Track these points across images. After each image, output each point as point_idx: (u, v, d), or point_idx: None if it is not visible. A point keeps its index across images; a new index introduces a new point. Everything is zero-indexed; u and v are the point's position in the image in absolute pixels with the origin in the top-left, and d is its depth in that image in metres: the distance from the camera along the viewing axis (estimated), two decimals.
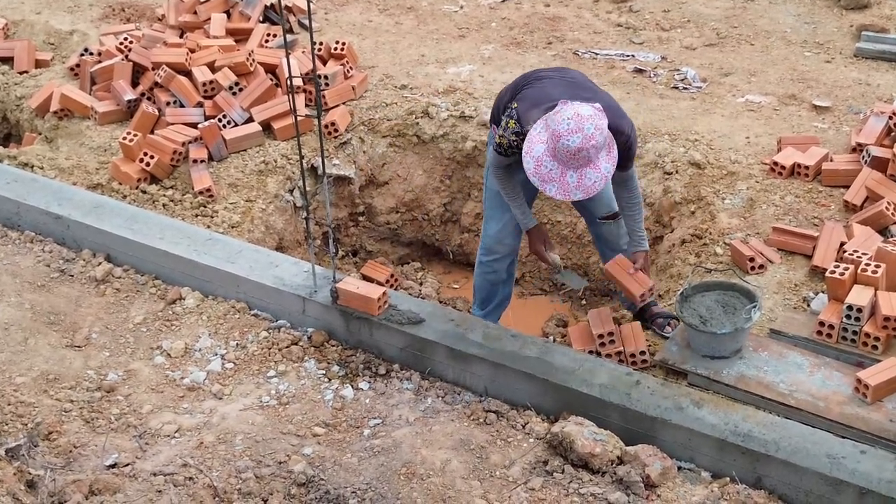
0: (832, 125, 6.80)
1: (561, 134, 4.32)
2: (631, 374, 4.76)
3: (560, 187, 4.44)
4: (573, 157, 4.35)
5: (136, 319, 5.40)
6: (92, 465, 4.34)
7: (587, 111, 4.37)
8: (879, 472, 4.16)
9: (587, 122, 4.32)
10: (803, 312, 5.19)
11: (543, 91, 4.73)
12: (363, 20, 8.73)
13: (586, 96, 4.64)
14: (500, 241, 5.34)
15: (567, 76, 4.93)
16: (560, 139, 4.32)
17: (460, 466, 4.38)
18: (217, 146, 6.64)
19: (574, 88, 4.72)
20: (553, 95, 4.62)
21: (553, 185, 4.44)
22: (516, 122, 4.68)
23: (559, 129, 4.33)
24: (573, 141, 4.30)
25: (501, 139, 4.78)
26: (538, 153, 4.44)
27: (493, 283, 5.53)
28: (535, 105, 4.64)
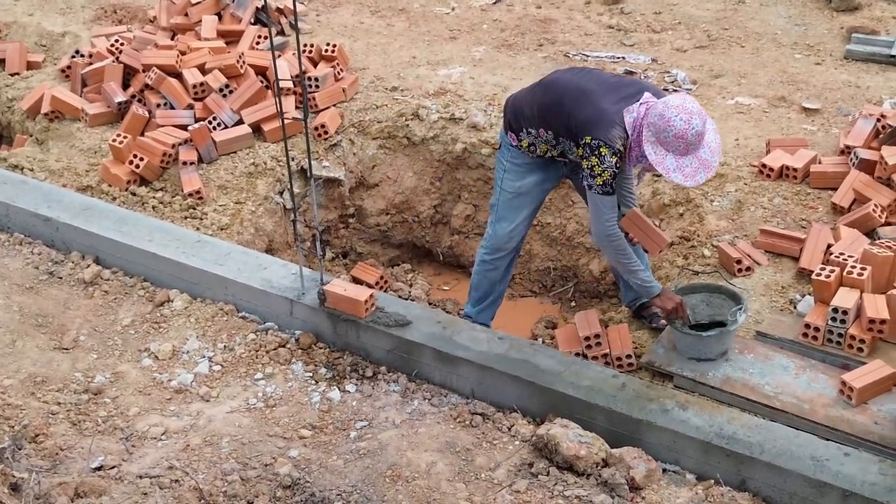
0: (821, 127, 6.82)
1: (684, 130, 4.45)
2: (617, 377, 4.78)
3: (703, 168, 4.56)
4: (701, 136, 4.50)
5: (125, 322, 5.40)
6: (78, 467, 4.34)
7: (674, 100, 4.51)
8: (863, 475, 4.17)
9: (686, 104, 4.49)
10: (790, 315, 5.21)
11: (598, 110, 4.69)
12: (355, 22, 8.74)
13: (629, 93, 4.73)
14: (511, 240, 5.37)
15: (596, 77, 4.94)
16: (687, 134, 4.46)
17: (446, 469, 4.39)
18: (207, 148, 6.64)
19: (612, 93, 4.75)
20: (612, 110, 4.66)
21: (700, 172, 4.57)
22: (608, 149, 4.65)
23: (678, 129, 4.45)
24: (696, 125, 4.46)
25: (605, 174, 4.69)
26: (673, 164, 4.53)
27: (493, 281, 5.55)
28: (610, 126, 4.64)
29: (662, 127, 4.48)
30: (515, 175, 5.21)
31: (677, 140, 4.48)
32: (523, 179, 5.20)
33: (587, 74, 5.03)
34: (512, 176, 5.22)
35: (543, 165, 5.17)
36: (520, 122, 5.05)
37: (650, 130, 4.53)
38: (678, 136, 4.46)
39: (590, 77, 4.95)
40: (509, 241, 5.40)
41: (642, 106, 4.63)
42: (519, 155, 5.15)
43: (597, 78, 4.93)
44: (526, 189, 5.23)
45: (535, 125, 4.98)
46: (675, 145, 4.49)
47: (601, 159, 4.66)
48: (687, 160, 4.53)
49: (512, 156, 5.18)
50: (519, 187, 5.22)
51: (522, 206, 5.29)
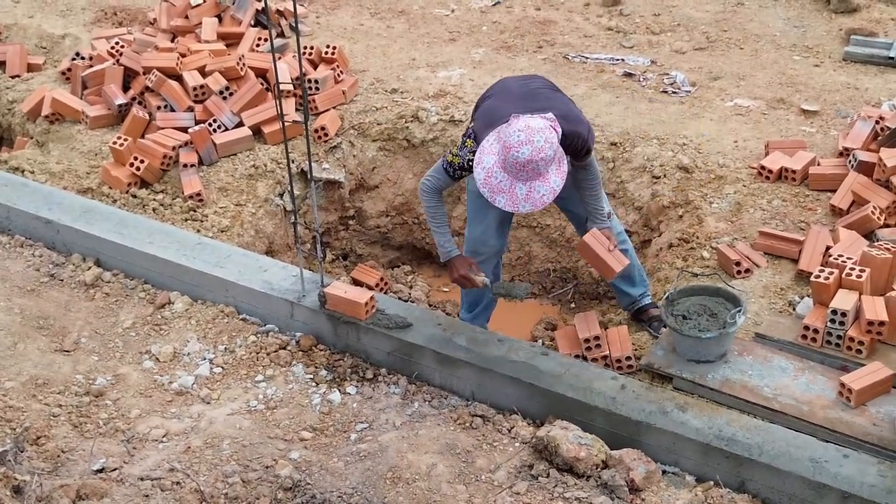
0: (820, 129, 6.84)
1: (511, 145, 4.34)
2: (616, 379, 4.79)
3: (509, 199, 4.45)
4: (522, 168, 4.36)
5: (125, 324, 5.42)
6: (79, 469, 4.35)
7: (538, 124, 4.39)
8: (862, 477, 4.18)
9: (537, 134, 4.34)
10: (789, 316, 5.22)
11: (497, 107, 4.74)
12: (354, 24, 8.75)
13: (539, 107, 4.64)
14: (484, 243, 5.36)
15: (526, 87, 4.90)
16: (510, 151, 4.34)
17: (446, 471, 4.40)
18: (207, 150, 6.66)
19: (528, 101, 4.72)
20: (505, 112, 4.62)
21: (502, 196, 4.45)
22: (474, 142, 4.69)
23: (510, 140, 4.35)
24: (523, 153, 4.32)
25: (455, 158, 4.76)
26: (489, 164, 4.46)
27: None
28: (490, 124, 4.65)
29: (505, 130, 4.42)
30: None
31: (503, 149, 4.39)
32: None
33: (521, 81, 5.02)
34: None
35: None
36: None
37: (503, 127, 4.47)
38: (505, 146, 4.38)
39: (521, 84, 4.95)
40: (483, 243, 5.36)
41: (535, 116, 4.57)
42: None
43: (525, 85, 4.91)
44: None
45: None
46: (500, 153, 4.41)
47: (462, 146, 4.72)
48: (502, 175, 4.43)
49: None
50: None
51: (488, 207, 5.16)
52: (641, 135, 6.76)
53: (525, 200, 4.44)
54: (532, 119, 4.42)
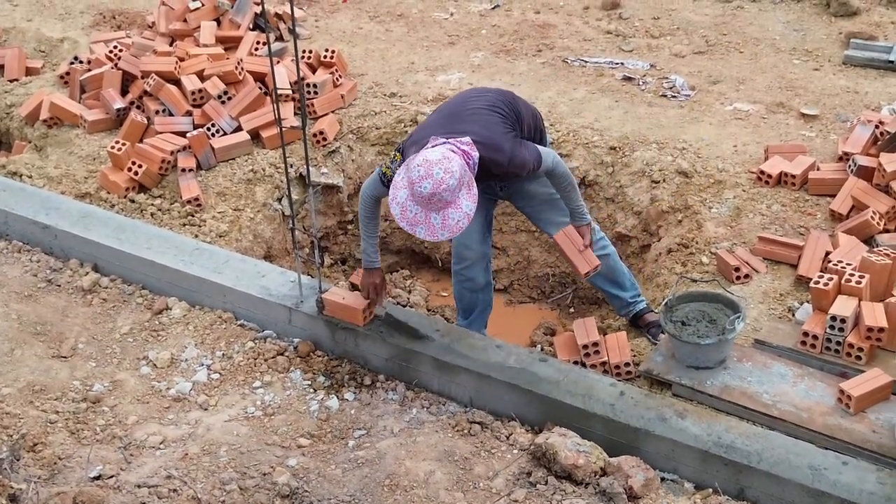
0: (819, 133, 6.82)
1: (413, 181, 4.37)
2: (615, 385, 4.78)
3: (427, 229, 4.47)
4: (429, 201, 4.38)
5: (123, 329, 5.40)
6: (76, 476, 4.34)
7: (436, 156, 4.39)
8: (861, 484, 4.17)
9: (435, 167, 4.35)
10: (788, 322, 5.21)
11: (425, 126, 4.85)
12: (353, 27, 8.74)
13: (460, 129, 4.66)
14: (467, 247, 5.37)
15: (463, 105, 4.93)
16: (413, 186, 4.38)
17: (444, 478, 4.39)
18: (205, 155, 6.64)
19: (452, 122, 4.75)
20: (428, 133, 4.68)
21: (420, 227, 4.47)
22: (402, 156, 4.76)
23: (411, 176, 4.38)
24: (424, 187, 4.34)
25: (387, 170, 4.81)
26: (402, 199, 4.47)
27: (472, 291, 5.55)
28: (414, 143, 4.70)
29: (409, 166, 4.44)
30: None
31: (408, 185, 4.42)
32: None
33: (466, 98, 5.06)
34: None
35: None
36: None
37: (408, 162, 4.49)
38: (409, 181, 4.40)
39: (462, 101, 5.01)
40: (466, 248, 5.39)
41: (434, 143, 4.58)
42: None
43: (464, 103, 4.95)
44: None
45: None
46: (410, 185, 4.42)
47: (392, 160, 4.82)
48: (416, 208, 4.44)
49: None
50: None
51: None
52: (641, 139, 6.74)
53: (442, 229, 4.47)
54: (430, 152, 4.43)
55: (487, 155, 4.63)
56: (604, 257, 5.38)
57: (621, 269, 5.54)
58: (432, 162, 4.36)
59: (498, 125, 4.83)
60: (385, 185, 4.84)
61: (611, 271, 5.47)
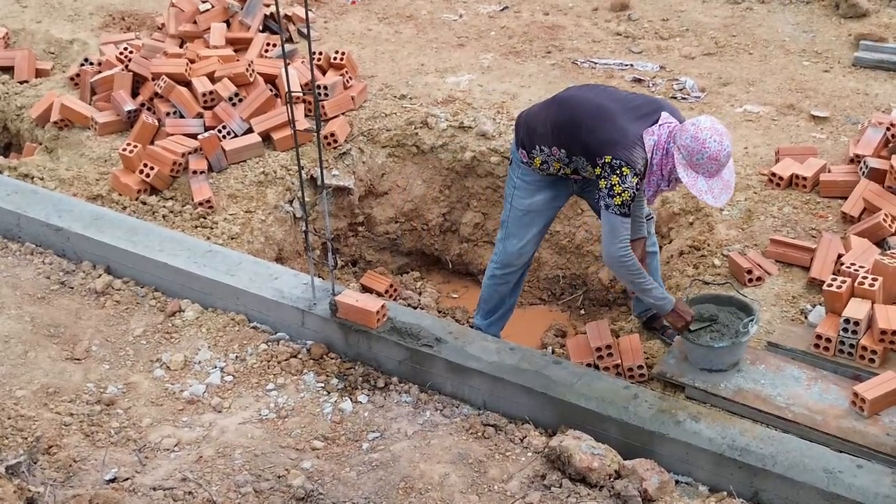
0: (830, 135, 6.82)
1: (718, 152, 4.47)
2: (629, 388, 4.78)
3: (726, 188, 4.59)
4: (730, 156, 4.55)
5: (136, 332, 5.41)
6: (92, 479, 4.35)
7: (704, 122, 4.53)
8: (876, 487, 4.17)
9: (717, 124, 4.53)
10: (801, 325, 5.21)
11: (619, 131, 4.66)
12: (363, 29, 8.75)
13: (646, 112, 4.72)
14: (521, 256, 5.36)
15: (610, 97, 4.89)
16: (720, 155, 4.48)
17: (458, 481, 4.39)
18: (217, 157, 6.65)
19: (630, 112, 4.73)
20: (633, 131, 4.64)
21: (724, 192, 4.59)
22: (630, 169, 4.62)
23: (711, 149, 4.47)
24: (727, 145, 4.51)
25: (625, 194, 4.64)
26: (704, 186, 4.55)
27: (503, 295, 5.55)
28: (632, 146, 4.62)
29: (696, 149, 4.47)
30: (526, 192, 5.19)
31: (710, 162, 4.48)
32: (533, 197, 5.18)
33: (603, 92, 4.98)
34: (522, 193, 5.20)
35: (554, 183, 5.16)
36: (532, 139, 5.02)
37: (682, 153, 4.53)
38: (712, 157, 4.47)
39: (606, 95, 4.92)
40: (519, 257, 5.39)
41: (663, 128, 4.62)
42: (530, 172, 5.14)
43: (614, 96, 4.90)
44: (536, 207, 5.21)
45: (549, 143, 4.94)
46: (707, 167, 4.50)
47: (622, 179, 4.61)
48: (714, 182, 4.54)
49: (523, 173, 5.17)
50: (529, 205, 5.20)
51: (532, 224, 5.27)
52: None
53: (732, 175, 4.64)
54: (693, 124, 4.54)
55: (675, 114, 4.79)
56: (652, 255, 5.36)
57: (657, 270, 5.51)
58: (710, 125, 4.51)
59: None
60: (629, 215, 4.73)
61: (653, 272, 5.41)
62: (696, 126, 4.51)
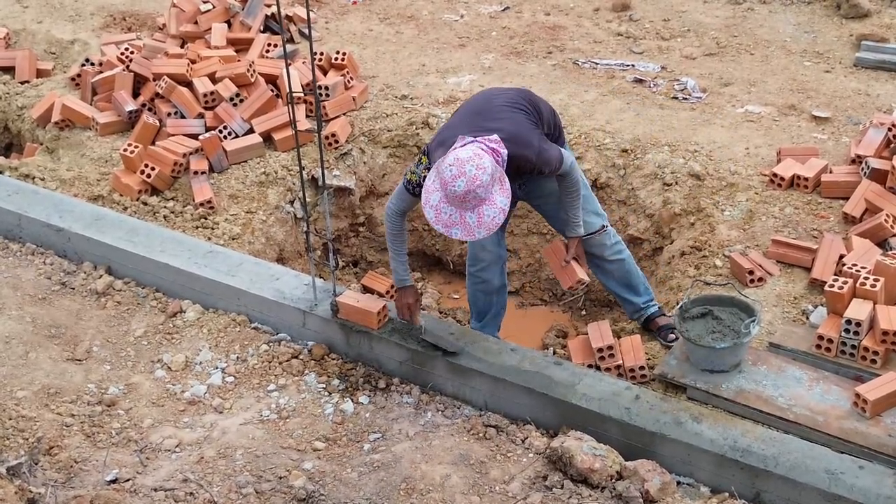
0: (831, 136, 6.82)
1: (447, 181, 4.41)
2: (630, 389, 4.78)
3: (463, 230, 4.51)
4: (464, 200, 4.42)
5: (137, 332, 5.41)
6: (93, 480, 4.35)
7: (466, 154, 4.43)
8: (878, 488, 4.16)
9: (467, 164, 4.38)
10: (802, 326, 5.20)
11: (450, 126, 4.86)
12: (363, 29, 8.74)
13: (487, 128, 4.68)
14: (483, 248, 5.38)
15: (488, 103, 4.94)
16: (447, 186, 4.41)
17: (460, 482, 4.39)
18: (218, 157, 6.65)
19: (479, 120, 4.76)
20: (454, 133, 4.70)
21: (456, 228, 4.51)
22: (428, 158, 4.76)
23: (444, 176, 4.42)
24: (459, 186, 4.38)
25: (413, 176, 4.81)
26: (435, 202, 4.51)
27: (487, 293, 5.55)
28: (441, 144, 4.72)
29: (439, 167, 4.47)
30: None
31: (441, 185, 4.45)
32: None
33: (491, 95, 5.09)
34: None
35: None
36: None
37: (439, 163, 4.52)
38: (442, 182, 4.44)
39: (487, 98, 5.04)
40: (482, 249, 5.40)
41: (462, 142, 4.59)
42: None
43: (488, 101, 4.97)
44: None
45: None
46: (444, 186, 4.44)
47: (418, 164, 4.80)
48: (450, 209, 4.48)
49: None
50: None
51: None
52: (652, 141, 6.73)
53: (478, 227, 4.51)
54: (461, 150, 4.47)
55: (516, 151, 4.65)
56: (618, 262, 5.40)
57: (636, 274, 5.53)
58: (464, 160, 4.39)
59: (524, 122, 4.86)
60: (411, 192, 4.85)
61: (625, 276, 5.48)
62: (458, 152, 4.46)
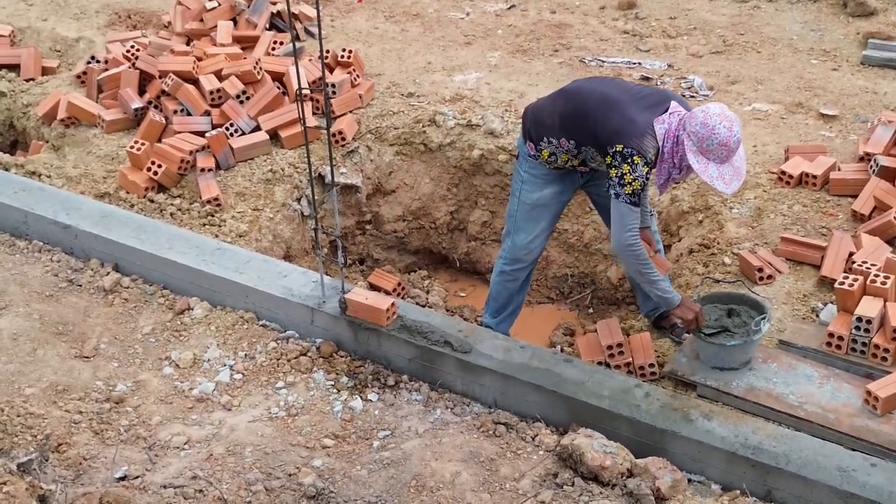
0: (839, 134, 6.80)
1: (728, 137, 4.50)
2: (640, 386, 4.76)
3: (737, 175, 4.61)
4: (740, 142, 4.57)
5: (145, 330, 5.39)
6: (102, 477, 4.33)
7: (714, 108, 4.56)
8: (890, 486, 4.15)
9: (726, 110, 4.55)
10: (812, 323, 5.19)
11: (628, 120, 4.68)
12: (369, 27, 8.73)
13: (654, 101, 4.75)
14: (530, 251, 5.36)
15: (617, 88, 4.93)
16: (730, 141, 4.51)
17: (470, 479, 4.37)
18: (224, 155, 6.63)
19: (639, 102, 4.76)
20: (642, 120, 4.67)
21: (736, 179, 4.61)
22: (641, 157, 4.66)
23: (721, 135, 4.49)
24: (736, 132, 4.52)
25: (635, 183, 4.67)
26: (715, 172, 4.56)
27: (511, 292, 5.53)
28: (642, 135, 4.65)
29: (706, 136, 4.49)
30: (533, 186, 5.19)
31: (721, 148, 4.50)
32: (542, 190, 5.18)
33: (610, 83, 5.02)
34: (530, 187, 5.20)
35: (562, 176, 5.16)
36: (540, 131, 5.02)
37: (692, 139, 4.54)
38: (722, 143, 4.48)
39: (613, 86, 4.95)
40: (528, 252, 5.38)
41: (673, 116, 4.64)
42: (537, 165, 5.13)
43: (620, 87, 4.93)
44: (544, 200, 5.21)
45: (556, 135, 4.95)
46: (717, 153, 4.51)
47: (633, 168, 4.64)
48: (725, 168, 4.56)
49: (530, 166, 5.16)
50: (537, 198, 5.20)
51: (541, 218, 5.27)
52: None
53: (742, 162, 4.66)
54: (703, 111, 4.56)
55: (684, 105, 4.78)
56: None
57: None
58: (719, 112, 4.53)
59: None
60: (640, 204, 4.78)
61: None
62: (706, 113, 4.53)
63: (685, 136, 4.57)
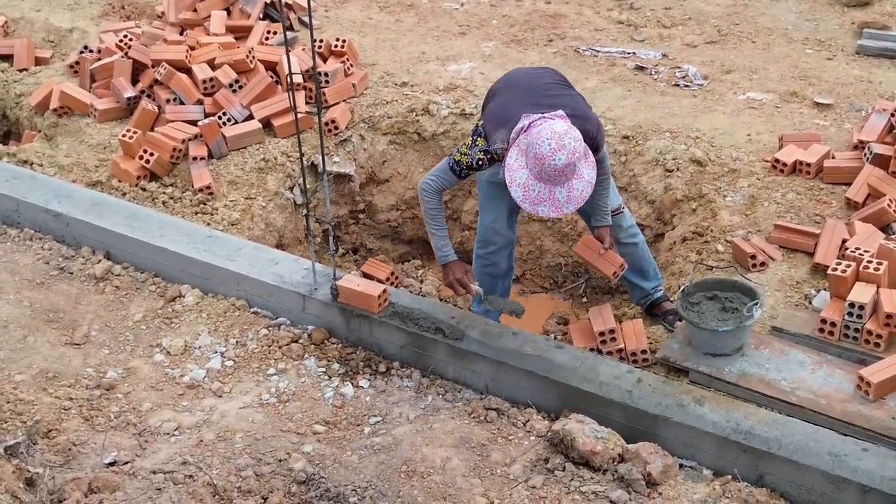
0: (834, 122, 6.79)
1: (545, 156, 4.34)
2: (632, 372, 4.75)
3: (551, 205, 4.47)
4: (560, 174, 4.38)
5: (136, 317, 5.38)
6: (91, 463, 4.32)
7: (561, 127, 4.40)
8: (882, 470, 4.14)
9: (566, 137, 4.35)
10: (805, 310, 5.17)
11: (507, 105, 4.74)
12: (363, 17, 8.71)
13: (548, 104, 4.63)
14: (496, 232, 5.34)
15: (536, 81, 4.90)
16: (545, 161, 4.35)
17: (461, 464, 4.36)
18: (217, 144, 6.62)
19: (536, 97, 4.70)
20: (515, 111, 4.62)
21: (544, 205, 4.47)
22: (484, 140, 4.70)
23: (541, 151, 4.35)
24: (559, 160, 4.33)
25: (464, 157, 4.74)
26: (522, 179, 4.46)
27: (493, 277, 5.51)
28: (500, 124, 4.65)
29: (532, 142, 4.40)
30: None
31: (537, 161, 4.38)
32: (495, 169, 5.15)
33: (535, 73, 5.06)
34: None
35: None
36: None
37: (525, 139, 4.47)
38: (538, 157, 4.37)
39: (530, 78, 4.96)
40: (494, 233, 5.36)
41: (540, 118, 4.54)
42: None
43: (533, 80, 4.91)
44: (497, 178, 5.14)
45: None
46: (533, 165, 4.41)
47: (472, 145, 4.72)
48: (539, 186, 4.44)
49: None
50: (489, 175, 5.15)
51: (501, 196, 5.15)
52: (654, 128, 6.71)
53: (567, 202, 4.47)
54: (554, 123, 4.42)
55: (581, 126, 4.58)
56: (632, 245, 5.38)
57: (648, 258, 5.50)
58: (561, 133, 4.36)
59: (578, 98, 4.88)
60: (457, 174, 4.80)
61: (637, 260, 5.42)
62: (551, 127, 4.40)
63: (524, 133, 4.50)
